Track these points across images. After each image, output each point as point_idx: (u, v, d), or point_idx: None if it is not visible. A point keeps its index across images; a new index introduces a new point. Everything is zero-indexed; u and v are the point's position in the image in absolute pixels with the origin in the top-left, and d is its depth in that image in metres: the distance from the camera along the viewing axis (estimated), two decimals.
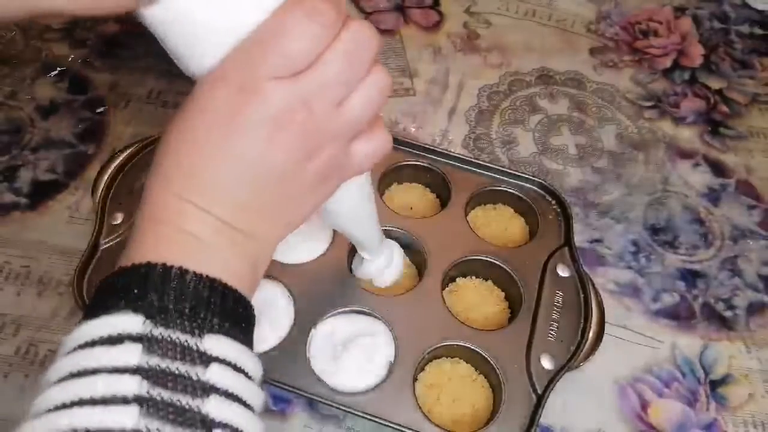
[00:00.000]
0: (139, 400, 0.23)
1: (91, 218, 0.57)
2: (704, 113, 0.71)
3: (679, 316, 0.56)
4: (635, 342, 0.54)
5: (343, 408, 0.44)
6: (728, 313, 0.56)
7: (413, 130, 0.67)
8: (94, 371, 0.23)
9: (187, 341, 0.25)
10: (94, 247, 0.51)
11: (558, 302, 0.51)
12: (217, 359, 0.25)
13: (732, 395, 0.52)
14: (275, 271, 0.51)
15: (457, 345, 0.48)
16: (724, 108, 0.72)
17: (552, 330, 0.50)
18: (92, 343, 0.24)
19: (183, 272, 0.26)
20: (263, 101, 0.26)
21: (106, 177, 0.55)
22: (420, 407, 0.45)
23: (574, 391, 0.51)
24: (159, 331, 0.24)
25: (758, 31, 0.80)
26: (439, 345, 0.48)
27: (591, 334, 0.49)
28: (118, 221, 0.53)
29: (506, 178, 0.59)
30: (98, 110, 0.66)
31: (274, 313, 0.48)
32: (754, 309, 0.57)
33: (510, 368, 0.47)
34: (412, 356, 0.47)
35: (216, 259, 0.28)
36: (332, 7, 0.27)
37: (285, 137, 0.27)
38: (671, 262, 0.59)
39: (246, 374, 0.26)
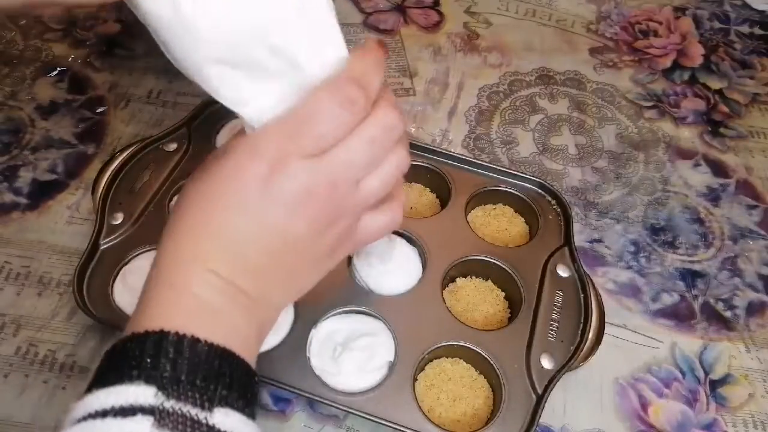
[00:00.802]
0: None
1: (91, 218, 0.57)
2: (704, 113, 0.71)
3: (678, 316, 0.56)
4: (635, 342, 0.54)
5: (343, 408, 0.44)
6: (728, 313, 0.56)
7: (413, 130, 0.67)
8: None
9: (197, 415, 0.25)
10: (94, 247, 0.51)
11: (558, 302, 0.51)
12: None
13: (732, 395, 0.52)
14: None
15: (457, 345, 0.48)
16: (724, 108, 0.72)
17: (552, 330, 0.49)
18: (103, 413, 0.24)
19: (195, 341, 0.27)
20: (292, 177, 0.29)
21: (106, 177, 0.55)
22: (420, 407, 0.45)
23: (574, 391, 0.51)
24: (171, 404, 0.25)
25: (758, 31, 0.80)
26: (438, 345, 0.48)
27: (591, 334, 0.49)
28: (118, 221, 0.53)
29: (506, 178, 0.58)
30: (98, 110, 0.66)
31: None
32: (754, 309, 0.57)
33: (510, 368, 0.47)
34: (412, 356, 0.47)
35: (226, 324, 0.28)
36: (363, 94, 0.29)
37: (308, 211, 0.29)
38: (671, 262, 0.59)
39: None
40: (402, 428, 0.44)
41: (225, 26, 0.28)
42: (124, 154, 0.56)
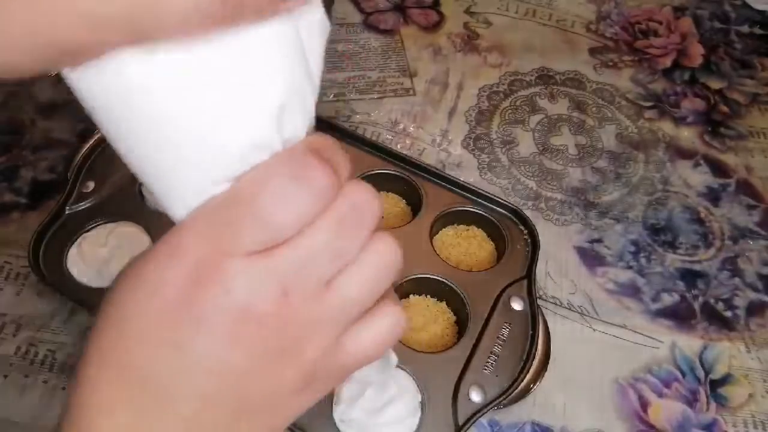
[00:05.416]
0: None
1: None
2: (704, 113, 0.71)
3: (679, 316, 0.56)
4: (635, 342, 0.54)
5: None
6: (728, 313, 0.56)
7: (413, 129, 0.67)
8: None
9: None
10: (59, 211, 0.51)
11: (503, 335, 0.49)
12: None
13: (732, 395, 0.52)
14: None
15: None
16: (724, 108, 0.72)
17: (490, 363, 0.47)
18: None
19: None
20: (224, 288, 0.20)
21: (89, 143, 0.55)
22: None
23: (574, 391, 0.51)
24: None
25: (758, 31, 0.80)
26: None
27: (529, 375, 0.47)
28: (89, 189, 0.53)
29: (481, 200, 0.56)
30: None
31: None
32: (754, 309, 0.57)
33: (435, 394, 0.45)
34: None
35: None
36: (327, 169, 0.21)
37: (252, 333, 0.21)
38: (671, 262, 0.59)
39: None
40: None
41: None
42: None
